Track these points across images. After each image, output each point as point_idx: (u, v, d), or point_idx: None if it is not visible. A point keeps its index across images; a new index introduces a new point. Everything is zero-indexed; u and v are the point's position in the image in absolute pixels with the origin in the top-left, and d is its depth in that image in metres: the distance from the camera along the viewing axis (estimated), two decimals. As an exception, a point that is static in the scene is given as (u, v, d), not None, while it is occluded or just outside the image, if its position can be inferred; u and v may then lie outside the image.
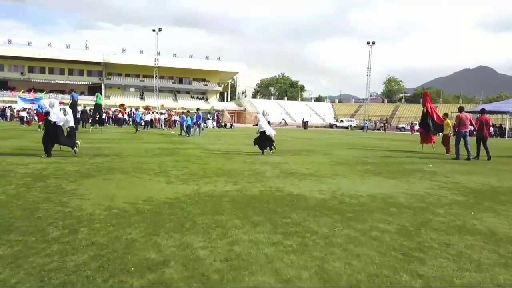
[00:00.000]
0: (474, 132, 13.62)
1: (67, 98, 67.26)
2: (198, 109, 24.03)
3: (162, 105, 44.22)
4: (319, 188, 6.55)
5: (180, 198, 5.34)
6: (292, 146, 16.93)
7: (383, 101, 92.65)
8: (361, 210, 5.02)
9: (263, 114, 11.69)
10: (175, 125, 33.85)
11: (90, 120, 26.06)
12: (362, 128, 61.49)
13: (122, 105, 40.45)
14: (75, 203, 4.85)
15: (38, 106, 25.08)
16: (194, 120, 23.44)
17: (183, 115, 23.90)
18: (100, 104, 23.72)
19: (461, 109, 13.43)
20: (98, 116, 23.58)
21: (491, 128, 43.55)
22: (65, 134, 10.39)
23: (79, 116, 22.84)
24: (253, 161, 10.21)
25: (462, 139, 12.62)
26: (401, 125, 66.88)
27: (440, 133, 15.67)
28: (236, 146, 15.91)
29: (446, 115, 15.97)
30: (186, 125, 22.86)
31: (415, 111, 78.48)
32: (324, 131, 50.16)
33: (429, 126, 15.36)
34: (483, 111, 13.82)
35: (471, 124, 13.21)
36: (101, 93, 25.61)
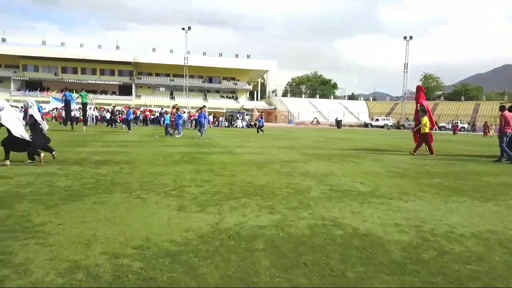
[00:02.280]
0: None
1: (98, 98, 68.06)
2: (204, 107, 20.98)
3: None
4: (393, 219, 4.56)
5: (191, 243, 3.50)
6: (332, 149, 14.85)
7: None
8: (485, 273, 3.01)
9: (28, 106, 8.68)
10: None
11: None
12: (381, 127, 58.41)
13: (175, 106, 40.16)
14: (26, 255, 3.09)
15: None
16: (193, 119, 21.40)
17: (178, 113, 21.83)
18: (86, 103, 22.76)
19: (503, 108, 11.93)
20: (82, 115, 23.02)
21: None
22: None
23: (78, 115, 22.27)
24: (291, 172, 8.28)
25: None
26: (441, 124, 62.96)
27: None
28: (268, 149, 14.02)
29: (423, 111, 14.02)
30: (165, 124, 21.02)
31: (456, 109, 74.22)
32: (360, 130, 47.43)
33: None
34: (503, 108, 12.08)
35: None
36: (86, 92, 24.43)
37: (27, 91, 68.91)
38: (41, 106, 26.73)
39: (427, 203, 5.58)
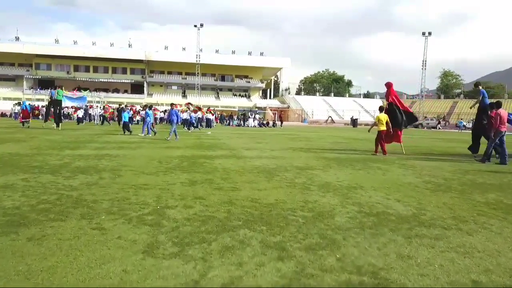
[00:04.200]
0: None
1: (110, 96, 67.42)
2: (172, 104, 18.15)
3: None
4: (466, 270, 3.01)
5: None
6: (353, 151, 13.23)
7: (439, 97, 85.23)
8: None
9: None
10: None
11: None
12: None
13: (188, 103, 40.17)
14: None
15: (23, 104, 23.43)
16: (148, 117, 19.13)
17: (147, 110, 19.64)
18: (60, 100, 21.84)
19: (499, 105, 11.07)
20: (58, 113, 21.93)
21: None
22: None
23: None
24: (307, 183, 6.75)
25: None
26: (462, 123, 60.27)
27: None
28: (280, 152, 12.50)
29: (381, 108, 12.99)
30: (122, 122, 19.56)
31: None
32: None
33: (398, 122, 12.98)
34: (498, 105, 11.06)
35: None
36: (62, 89, 23.47)
37: (39, 90, 68.67)
38: (29, 104, 26.13)
39: (499, 235, 4.00)
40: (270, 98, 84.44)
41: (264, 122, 45.47)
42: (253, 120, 43.49)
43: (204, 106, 49.81)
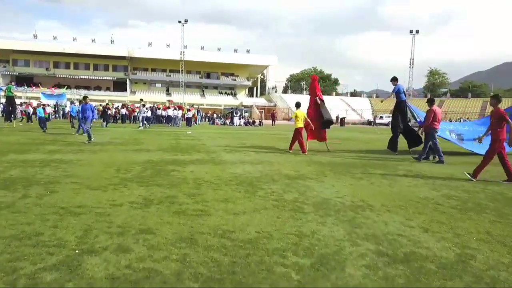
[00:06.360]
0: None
1: (92, 94, 64.80)
2: (85, 97, 15.07)
3: None
4: None
5: None
6: (347, 152, 11.73)
7: (425, 96, 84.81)
8: None
9: None
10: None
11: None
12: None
13: (170, 101, 40.07)
14: None
15: None
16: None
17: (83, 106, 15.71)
18: (12, 97, 20.79)
19: (432, 102, 10.76)
20: (10, 110, 20.96)
21: None
22: None
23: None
24: (300, 200, 5.20)
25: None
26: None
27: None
28: (265, 155, 10.96)
29: (298, 105, 12.30)
30: (38, 118, 18.88)
31: (463, 106, 70.86)
32: (364, 128, 44.28)
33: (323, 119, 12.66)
34: (432, 102, 10.71)
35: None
36: (12, 85, 22.71)
37: (15, 87, 65.65)
38: None
39: None
40: (256, 96, 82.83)
41: (250, 121, 43.78)
42: (239, 119, 41.66)
43: (188, 104, 48.14)
